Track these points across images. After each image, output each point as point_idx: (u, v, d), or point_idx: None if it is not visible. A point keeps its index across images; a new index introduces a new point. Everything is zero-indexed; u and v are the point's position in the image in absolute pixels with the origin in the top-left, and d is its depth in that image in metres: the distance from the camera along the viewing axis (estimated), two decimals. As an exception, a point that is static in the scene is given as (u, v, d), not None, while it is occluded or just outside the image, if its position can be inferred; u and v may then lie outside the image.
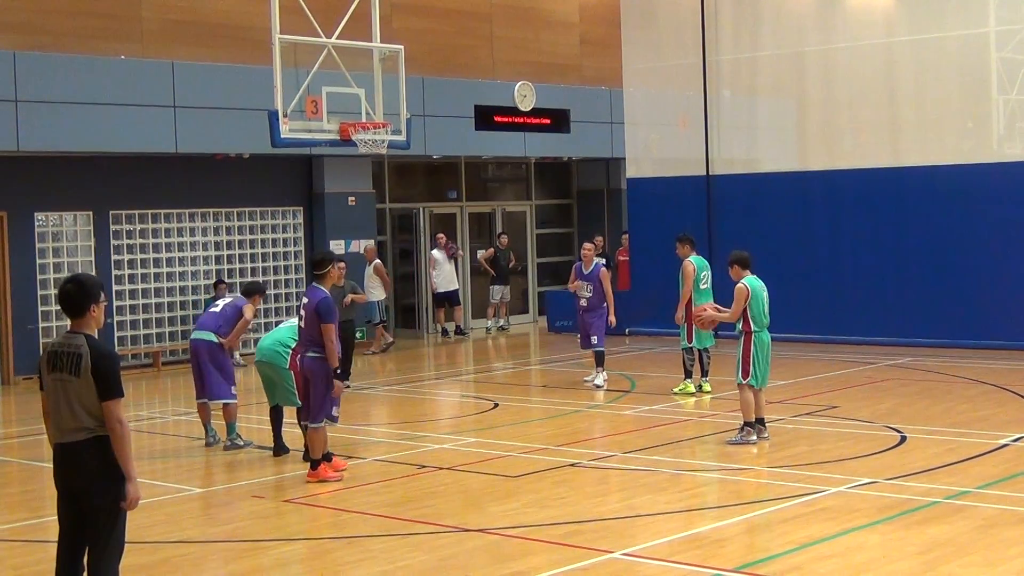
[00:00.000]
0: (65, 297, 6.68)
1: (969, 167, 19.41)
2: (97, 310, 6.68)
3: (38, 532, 9.81)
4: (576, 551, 8.58)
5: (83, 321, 6.65)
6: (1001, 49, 19.48)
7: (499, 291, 24.83)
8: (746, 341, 12.13)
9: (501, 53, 25.03)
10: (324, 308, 11.02)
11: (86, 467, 6.53)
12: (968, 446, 11.73)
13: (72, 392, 6.54)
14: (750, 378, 12.10)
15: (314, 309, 11.03)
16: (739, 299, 12.09)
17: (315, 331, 11.04)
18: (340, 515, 9.98)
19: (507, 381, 17.29)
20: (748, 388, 12.15)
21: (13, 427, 15.79)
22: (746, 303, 12.06)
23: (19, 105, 17.79)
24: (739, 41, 21.99)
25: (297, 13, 16.08)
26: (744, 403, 12.21)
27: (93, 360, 6.52)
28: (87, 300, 6.65)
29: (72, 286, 6.70)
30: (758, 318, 12.10)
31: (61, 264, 19.45)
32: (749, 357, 12.10)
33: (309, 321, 11.11)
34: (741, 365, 12.14)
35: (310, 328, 11.11)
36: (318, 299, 11.07)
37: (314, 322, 11.04)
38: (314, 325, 11.04)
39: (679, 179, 22.51)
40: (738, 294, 12.11)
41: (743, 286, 12.11)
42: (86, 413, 6.53)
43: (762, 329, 12.13)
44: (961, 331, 19.04)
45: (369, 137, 16.17)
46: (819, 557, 8.27)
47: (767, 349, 12.21)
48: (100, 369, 6.53)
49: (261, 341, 12.56)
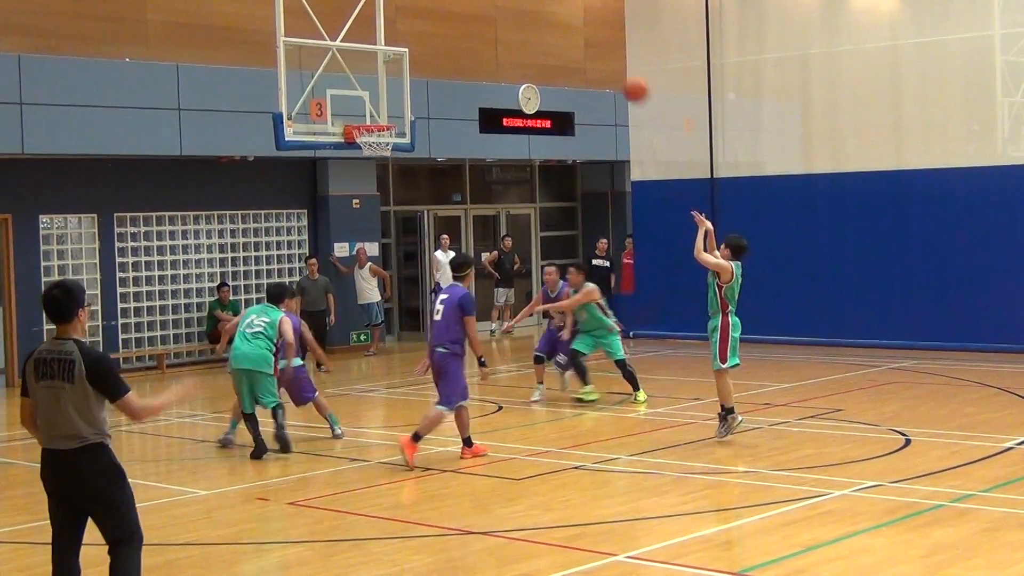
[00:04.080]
0: (52, 302, 6.63)
1: (973, 170, 19.38)
2: (83, 315, 6.67)
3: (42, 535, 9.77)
4: (580, 554, 8.57)
5: (70, 326, 6.62)
6: (1006, 52, 19.46)
7: (503, 294, 24.81)
8: (723, 322, 12.23)
9: (505, 56, 25.03)
10: (467, 302, 11.80)
11: (82, 475, 6.51)
12: (973, 449, 11.72)
13: (66, 399, 6.51)
14: (729, 362, 12.22)
15: (458, 303, 11.73)
16: (721, 267, 12.15)
17: (455, 325, 11.69)
18: (344, 518, 9.97)
19: (511, 384, 17.28)
20: (726, 373, 12.25)
21: (17, 429, 15.77)
22: (728, 280, 12.15)
23: (24, 108, 17.81)
24: (743, 44, 21.98)
25: (302, 16, 16.10)
26: (725, 389, 12.32)
27: (88, 366, 6.49)
28: (74, 305, 6.62)
29: (59, 291, 6.66)
30: (732, 300, 12.26)
31: (66, 267, 19.47)
32: (727, 340, 12.22)
33: (450, 315, 11.73)
34: (719, 350, 12.24)
35: (449, 322, 11.72)
36: (461, 294, 11.84)
37: (456, 316, 11.68)
38: (455, 318, 11.68)
39: (683, 182, 22.49)
40: (721, 266, 12.18)
41: (729, 265, 12.21)
42: (82, 421, 6.50)
43: (733, 312, 12.29)
44: (965, 334, 19.01)
45: (373, 140, 16.19)
46: (824, 560, 8.26)
47: (738, 334, 12.35)
48: (99, 373, 6.51)
49: (240, 347, 12.56)
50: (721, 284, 12.24)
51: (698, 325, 21.55)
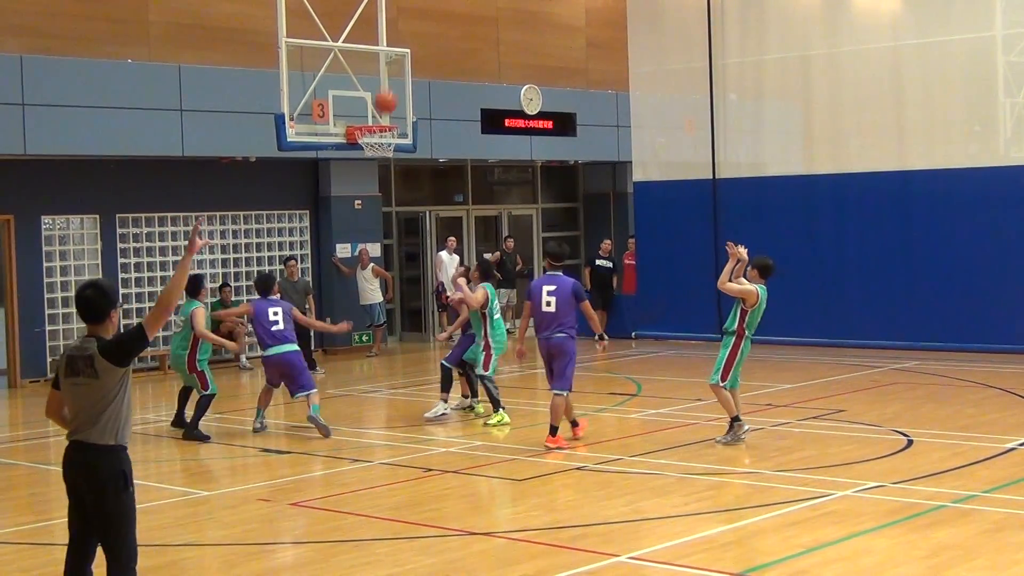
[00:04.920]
0: (85, 302, 6.62)
1: (975, 171, 19.38)
2: (116, 315, 6.67)
3: (44, 535, 9.82)
4: (582, 555, 8.57)
5: (101, 326, 6.61)
6: (1008, 52, 19.46)
7: (505, 295, 24.79)
8: (735, 344, 12.25)
9: (507, 57, 25.03)
10: (579, 288, 12.55)
11: (97, 475, 6.51)
12: (975, 450, 11.72)
13: (90, 396, 6.52)
14: (728, 381, 12.27)
15: (572, 291, 12.34)
16: (746, 292, 12.14)
17: (570, 311, 12.25)
18: (346, 518, 9.98)
19: (513, 384, 17.27)
20: (721, 388, 12.31)
21: (20, 430, 15.81)
22: (751, 305, 12.14)
23: (26, 109, 17.82)
24: (745, 45, 21.98)
25: (304, 17, 16.11)
26: (725, 400, 12.37)
27: (101, 349, 6.49)
28: (108, 305, 6.61)
29: (92, 291, 6.65)
30: (752, 325, 12.29)
31: (68, 268, 19.48)
32: (733, 361, 12.26)
33: (563, 303, 12.26)
34: (723, 367, 12.27)
35: (564, 309, 12.24)
36: (572, 282, 12.48)
37: (571, 302, 12.26)
38: (571, 305, 12.25)
39: (685, 183, 22.49)
40: (746, 292, 12.17)
41: (755, 289, 12.21)
42: (102, 418, 6.49)
43: (749, 337, 12.32)
44: (967, 335, 19.01)
45: (375, 140, 16.18)
46: (826, 561, 8.26)
47: (746, 355, 12.39)
48: (109, 344, 6.51)
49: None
50: (746, 308, 12.24)
51: (699, 326, 21.78)
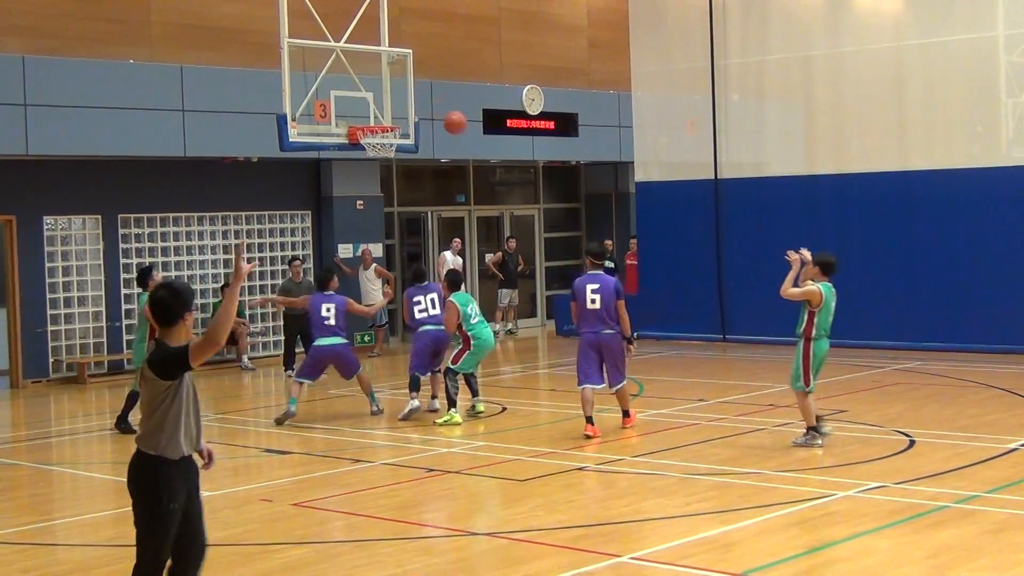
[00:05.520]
0: (159, 304, 6.42)
1: (978, 171, 19.36)
2: (190, 318, 6.49)
3: (46, 535, 9.82)
4: (584, 555, 8.57)
5: (172, 330, 6.41)
6: (1010, 53, 19.45)
7: (507, 295, 24.81)
8: (805, 347, 12.06)
9: (509, 57, 25.03)
10: (620, 287, 13.02)
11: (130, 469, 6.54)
12: (977, 450, 11.71)
13: (143, 400, 6.53)
14: (810, 385, 12.07)
15: (615, 289, 12.80)
16: (809, 293, 12.01)
17: (613, 309, 12.74)
18: (348, 519, 9.98)
19: (515, 385, 17.27)
20: (806, 395, 12.11)
21: (22, 430, 15.81)
22: (816, 305, 12.00)
23: (28, 109, 17.83)
24: (747, 45, 21.97)
25: (306, 17, 16.10)
26: (805, 408, 12.16)
27: (150, 359, 6.39)
28: (180, 308, 6.42)
29: (164, 292, 6.46)
30: (823, 326, 12.08)
31: (70, 268, 19.49)
32: (808, 364, 12.03)
33: (608, 301, 12.73)
34: (802, 372, 12.07)
35: (609, 307, 12.72)
36: (614, 281, 12.98)
37: (614, 300, 12.72)
38: (614, 303, 12.71)
39: (687, 183, 22.48)
40: (808, 292, 12.04)
41: (817, 288, 12.05)
42: (150, 426, 6.45)
43: (821, 337, 12.09)
44: (970, 335, 18.99)
45: (377, 141, 16.17)
46: (828, 561, 8.26)
47: (823, 357, 12.14)
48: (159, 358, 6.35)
49: None
50: (812, 309, 12.06)
51: (701, 326, 21.78)
